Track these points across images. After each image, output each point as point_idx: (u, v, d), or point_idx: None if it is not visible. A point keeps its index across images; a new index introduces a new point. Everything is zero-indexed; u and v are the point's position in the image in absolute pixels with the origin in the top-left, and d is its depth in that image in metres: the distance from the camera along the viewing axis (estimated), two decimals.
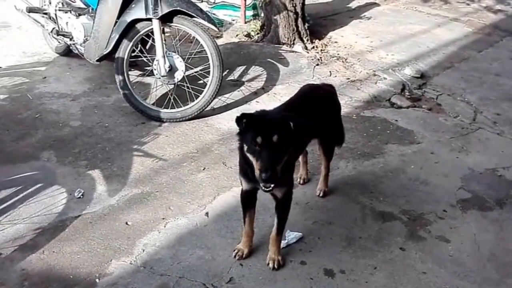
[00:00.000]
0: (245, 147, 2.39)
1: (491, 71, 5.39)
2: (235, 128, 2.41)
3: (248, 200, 2.71)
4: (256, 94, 4.61)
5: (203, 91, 4.04)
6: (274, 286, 2.60)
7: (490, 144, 3.97)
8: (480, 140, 4.01)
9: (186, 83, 4.12)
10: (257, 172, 2.31)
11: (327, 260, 2.76)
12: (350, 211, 3.16)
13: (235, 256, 2.75)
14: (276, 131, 2.30)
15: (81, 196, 3.18)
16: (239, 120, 2.38)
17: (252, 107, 4.32)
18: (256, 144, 2.30)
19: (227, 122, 4.11)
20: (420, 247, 2.87)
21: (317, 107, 2.99)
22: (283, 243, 2.82)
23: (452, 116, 4.38)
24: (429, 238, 2.94)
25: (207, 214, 3.09)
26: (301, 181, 3.39)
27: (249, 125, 2.36)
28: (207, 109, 4.11)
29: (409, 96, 4.68)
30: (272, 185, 2.36)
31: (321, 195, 3.26)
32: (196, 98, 4.05)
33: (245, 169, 2.55)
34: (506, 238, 2.97)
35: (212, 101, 4.05)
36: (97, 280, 2.59)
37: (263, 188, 2.38)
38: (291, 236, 2.90)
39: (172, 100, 4.09)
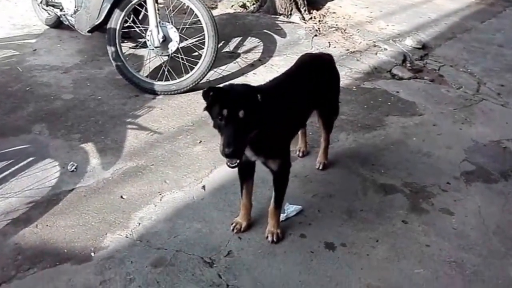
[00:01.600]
0: (212, 122, 2.32)
1: (494, 41, 5.27)
2: None
3: (244, 172, 2.62)
4: (253, 66, 4.47)
5: (198, 62, 3.91)
6: (274, 260, 2.54)
7: (494, 115, 3.88)
8: (483, 112, 3.92)
9: (181, 55, 3.99)
10: (220, 147, 2.23)
11: (327, 233, 2.70)
12: (350, 183, 3.09)
13: (233, 230, 2.69)
14: (241, 105, 2.19)
15: (75, 170, 3.09)
16: (206, 93, 2.28)
17: (249, 79, 4.20)
18: (222, 118, 2.21)
19: None
20: (423, 220, 2.81)
21: (316, 77, 2.89)
22: (283, 216, 2.75)
23: (455, 88, 4.28)
24: (432, 211, 2.88)
25: (203, 187, 3.01)
26: (300, 154, 3.31)
27: (216, 98, 2.26)
28: (202, 81, 3.98)
29: (410, 67, 4.57)
30: (237, 161, 2.27)
31: (320, 168, 3.18)
32: (191, 70, 3.92)
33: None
34: (511, 210, 2.91)
35: (207, 73, 3.92)
36: (92, 254, 2.52)
37: (228, 164, 2.30)
38: (290, 209, 2.83)
39: (166, 72, 3.95)
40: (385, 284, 2.41)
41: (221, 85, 2.40)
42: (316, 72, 2.92)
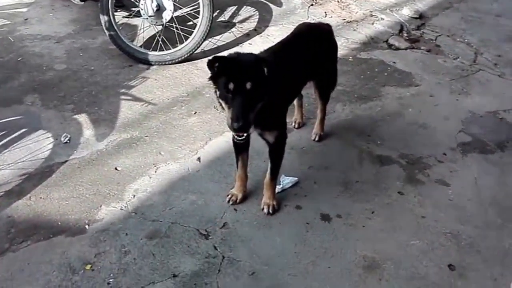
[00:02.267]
0: (217, 93, 2.25)
1: (491, 11, 5.17)
2: None
3: (240, 144, 2.58)
4: (248, 36, 4.37)
5: (193, 32, 3.80)
6: (269, 231, 2.54)
7: (491, 86, 3.83)
8: (480, 82, 3.87)
9: (175, 24, 3.87)
10: (228, 121, 2.18)
11: (323, 205, 2.70)
12: (346, 155, 3.06)
13: (228, 201, 2.68)
14: (249, 77, 2.13)
15: (68, 141, 3.04)
16: (211, 63, 2.20)
17: (244, 49, 4.10)
18: (228, 90, 2.14)
19: None
20: (419, 191, 2.81)
21: (314, 47, 2.82)
22: (278, 188, 2.74)
23: (452, 58, 4.21)
24: (428, 182, 2.88)
25: (199, 159, 2.98)
26: (296, 125, 3.27)
27: (221, 69, 2.18)
28: (197, 51, 3.89)
29: (407, 37, 4.47)
30: (245, 135, 2.26)
31: (316, 139, 3.15)
32: (186, 40, 3.82)
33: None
34: (507, 182, 2.91)
35: (202, 42, 3.82)
36: (86, 226, 2.51)
37: (236, 138, 2.30)
38: (286, 181, 2.81)
39: (160, 42, 3.85)
40: (381, 256, 2.43)
41: (226, 54, 2.31)
42: (314, 41, 2.85)
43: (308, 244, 2.47)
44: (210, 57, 2.22)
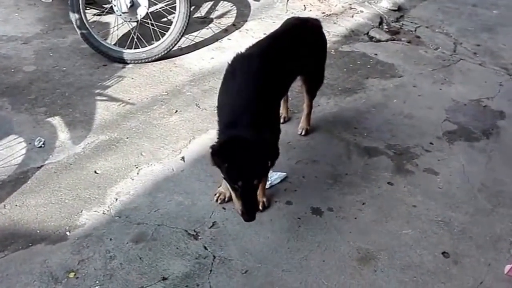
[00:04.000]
0: (226, 179, 2.27)
1: (468, 1, 5.22)
2: (207, 68, 2.20)
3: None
4: (226, 31, 4.27)
5: (169, 28, 3.68)
6: (261, 228, 2.46)
7: (473, 75, 3.86)
8: (462, 71, 3.90)
9: (150, 20, 3.74)
10: (237, 209, 2.24)
11: (313, 199, 2.64)
12: (334, 148, 3.01)
13: (216, 200, 2.58)
14: (256, 175, 2.20)
15: (42, 145, 2.88)
16: (220, 161, 2.20)
17: (224, 45, 4.01)
18: (237, 186, 2.17)
19: (197, 62, 3.80)
20: (408, 181, 2.78)
21: (304, 42, 2.73)
22: (267, 184, 2.66)
23: (433, 48, 4.22)
24: (417, 171, 2.85)
25: (183, 158, 2.87)
26: (282, 120, 3.19)
27: (230, 168, 2.18)
28: (174, 48, 3.77)
29: (387, 29, 4.47)
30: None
31: (303, 133, 3.09)
32: (162, 37, 3.69)
33: (220, 109, 2.39)
34: (495, 168, 2.91)
35: (179, 39, 3.70)
36: (67, 233, 2.37)
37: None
38: (274, 176, 2.73)
39: (135, 39, 3.71)
40: (375, 247, 2.38)
41: (231, 142, 2.20)
42: (304, 36, 2.77)
43: (300, 239, 2.41)
44: (215, 149, 2.21)
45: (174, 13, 3.69)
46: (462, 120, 3.31)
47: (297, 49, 2.62)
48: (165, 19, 4.00)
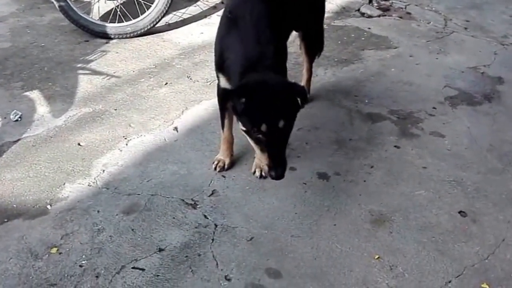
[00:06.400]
0: (243, 128, 1.95)
1: None
2: (196, 42, 2.01)
3: (227, 100, 2.28)
4: (215, 8, 4.09)
5: (155, 0, 3.46)
6: (264, 194, 2.26)
7: (467, 45, 3.77)
8: (456, 42, 3.81)
9: None
10: (265, 168, 1.93)
11: (319, 164, 2.46)
12: (335, 115, 2.85)
13: (215, 168, 2.38)
14: (282, 116, 1.86)
15: (19, 119, 2.64)
16: (235, 97, 1.91)
17: (213, 21, 3.82)
18: (260, 132, 1.86)
19: (186, 37, 3.61)
20: (415, 144, 2.64)
21: None
22: None
23: (425, 23, 4.15)
24: (423, 135, 2.71)
25: (175, 128, 2.66)
26: None
27: (249, 106, 1.87)
28: (161, 24, 3.58)
29: (378, 7, 4.37)
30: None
31: None
32: (148, 9, 3.48)
33: (222, 63, 2.14)
34: (501, 129, 2.80)
35: (166, 10, 3.47)
36: (48, 206, 2.13)
37: (272, 178, 1.96)
38: None
39: (119, 13, 3.49)
40: (387, 208, 2.21)
41: (250, 80, 1.93)
42: None
43: (308, 204, 2.22)
44: (232, 88, 1.93)
45: None
46: (462, 86, 3.20)
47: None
48: None
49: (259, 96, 1.88)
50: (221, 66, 2.18)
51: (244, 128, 1.95)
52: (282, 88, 1.95)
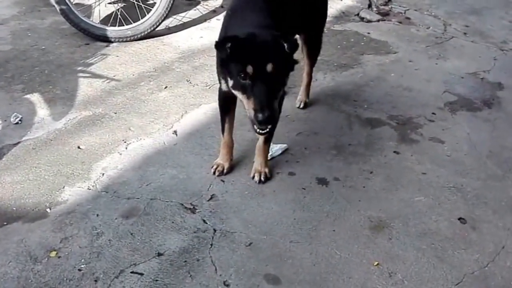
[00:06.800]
0: (230, 82, 1.92)
1: None
2: (196, 46, 2.00)
3: (227, 102, 2.29)
4: (215, 12, 4.10)
5: (155, 4, 3.46)
6: (263, 199, 2.26)
7: (466, 50, 3.78)
8: (455, 48, 3.82)
9: None
10: (250, 113, 1.85)
11: (318, 169, 2.46)
12: (334, 120, 2.85)
13: (214, 173, 2.38)
14: (270, 58, 1.82)
15: (19, 122, 2.64)
16: (221, 44, 1.88)
17: (213, 25, 3.83)
18: (246, 76, 1.82)
19: (186, 40, 3.62)
20: (414, 150, 2.64)
21: None
22: (268, 156, 2.47)
23: (424, 28, 4.16)
24: (422, 140, 2.71)
25: (175, 132, 2.66)
26: None
27: (235, 51, 1.84)
28: (162, 28, 3.59)
29: (377, 11, 4.39)
30: (269, 127, 1.92)
31: (301, 106, 2.92)
32: (148, 13, 3.48)
33: (225, 67, 2.11)
34: (500, 135, 2.80)
35: (166, 14, 3.48)
36: (48, 210, 2.13)
37: (258, 131, 1.93)
38: (275, 148, 2.55)
39: (119, 16, 3.50)
40: (387, 215, 2.21)
41: (238, 34, 1.93)
42: None
43: (307, 209, 2.22)
44: (219, 39, 1.90)
45: None
46: (461, 91, 3.21)
47: (298, 4, 2.44)
48: None
49: (245, 41, 1.87)
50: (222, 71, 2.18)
51: (231, 82, 1.91)
52: (269, 35, 1.92)
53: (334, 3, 4.44)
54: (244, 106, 1.92)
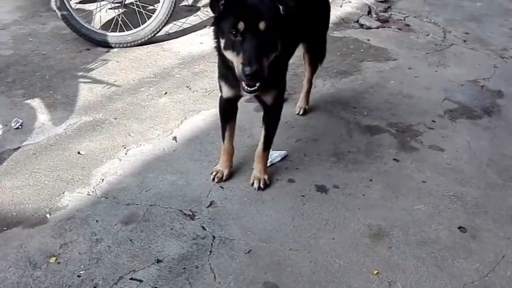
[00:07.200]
0: (222, 42, 1.91)
1: None
2: (196, 52, 2.00)
3: (228, 110, 2.31)
4: None
5: (156, 9, 3.48)
6: (263, 206, 2.26)
7: (466, 58, 3.80)
8: (455, 55, 3.83)
9: (136, 1, 3.56)
10: (238, 68, 1.83)
11: (317, 176, 2.46)
12: (334, 127, 2.86)
13: (213, 179, 2.38)
14: (262, 16, 1.82)
15: (20, 127, 2.64)
16: (214, 2, 1.87)
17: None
18: (238, 32, 1.81)
19: (186, 46, 3.63)
20: (414, 157, 2.64)
21: (308, 3, 2.50)
22: (267, 163, 2.47)
23: (424, 35, 4.17)
24: (422, 148, 2.72)
25: (175, 138, 2.67)
26: None
27: (228, 8, 1.85)
28: (162, 34, 3.59)
29: (376, 18, 4.41)
30: (258, 84, 1.89)
31: (301, 113, 2.93)
32: (148, 19, 3.49)
33: (225, 72, 2.12)
34: (501, 143, 2.81)
35: (167, 20, 3.49)
36: (47, 215, 2.13)
37: (246, 88, 1.92)
38: (274, 154, 2.55)
39: (120, 22, 3.51)
40: (387, 223, 2.21)
41: None
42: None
43: (306, 217, 2.22)
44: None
45: None
46: (461, 99, 3.22)
47: (302, 10, 2.42)
48: (150, 0, 3.83)
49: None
50: (223, 75, 2.18)
51: (222, 42, 1.89)
52: None
53: (334, 9, 4.42)
54: (234, 65, 1.88)
